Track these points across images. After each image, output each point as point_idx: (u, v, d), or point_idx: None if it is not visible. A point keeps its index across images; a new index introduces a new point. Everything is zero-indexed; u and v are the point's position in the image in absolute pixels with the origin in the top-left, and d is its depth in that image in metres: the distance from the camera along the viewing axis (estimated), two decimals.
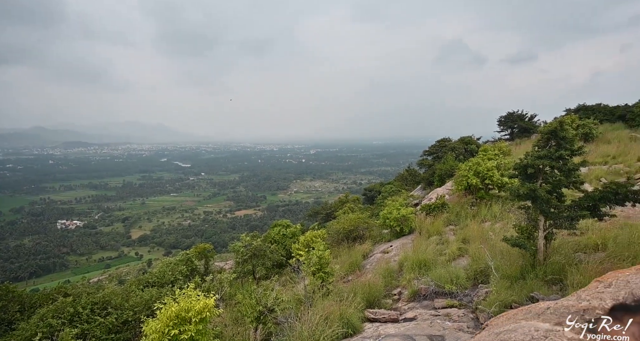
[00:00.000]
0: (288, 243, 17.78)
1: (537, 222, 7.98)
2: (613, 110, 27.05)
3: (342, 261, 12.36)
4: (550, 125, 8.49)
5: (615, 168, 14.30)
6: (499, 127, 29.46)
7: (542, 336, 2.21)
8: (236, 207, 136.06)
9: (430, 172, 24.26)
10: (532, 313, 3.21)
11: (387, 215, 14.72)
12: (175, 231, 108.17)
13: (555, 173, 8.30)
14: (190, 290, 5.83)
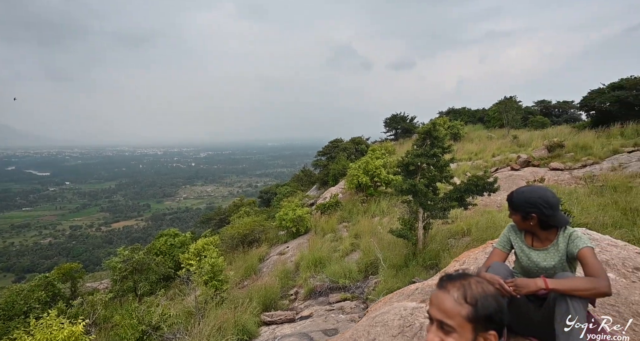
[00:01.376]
0: (176, 253, 16.28)
1: (417, 214, 8.90)
2: (474, 113, 32.58)
3: (237, 267, 11.83)
4: (426, 126, 9.57)
5: (477, 163, 17.09)
6: (385, 128, 32.55)
7: (409, 314, 2.35)
8: (113, 219, 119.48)
9: (324, 172, 25.23)
10: (404, 294, 3.50)
11: (283, 216, 14.69)
12: (30, 252, 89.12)
13: (431, 169, 9.38)
14: (51, 319, 4.73)
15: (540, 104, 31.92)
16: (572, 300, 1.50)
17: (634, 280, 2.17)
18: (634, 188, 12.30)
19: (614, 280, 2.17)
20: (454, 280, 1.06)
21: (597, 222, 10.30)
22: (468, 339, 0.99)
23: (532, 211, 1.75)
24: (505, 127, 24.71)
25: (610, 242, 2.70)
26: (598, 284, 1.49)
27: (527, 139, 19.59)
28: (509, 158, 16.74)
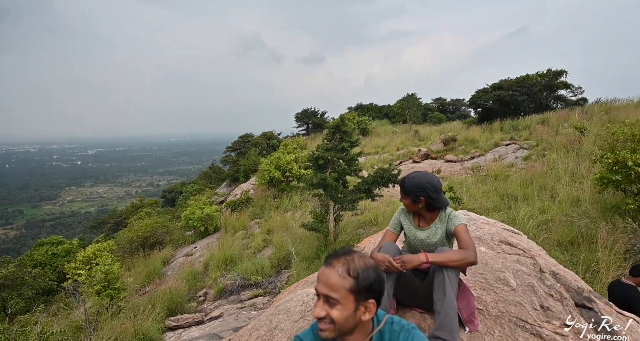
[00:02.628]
0: (60, 263, 14.32)
1: (328, 207, 9.29)
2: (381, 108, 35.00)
3: (137, 273, 10.91)
4: (335, 121, 9.99)
5: (384, 156, 18.45)
6: (297, 122, 33.03)
7: (311, 299, 2.49)
8: None
9: (234, 168, 24.62)
10: (309, 282, 3.70)
11: (189, 215, 13.96)
12: None
13: (340, 163, 9.85)
14: None
15: (437, 101, 35.91)
16: (448, 270, 1.77)
17: (498, 251, 2.63)
18: (509, 177, 14.69)
19: (484, 253, 2.60)
20: (338, 256, 1.17)
21: (481, 207, 12.06)
22: (350, 309, 1.11)
23: (421, 194, 1.99)
24: (408, 122, 27.15)
25: (484, 220, 3.20)
26: (467, 255, 1.78)
27: (427, 134, 21.87)
28: (411, 151, 18.50)
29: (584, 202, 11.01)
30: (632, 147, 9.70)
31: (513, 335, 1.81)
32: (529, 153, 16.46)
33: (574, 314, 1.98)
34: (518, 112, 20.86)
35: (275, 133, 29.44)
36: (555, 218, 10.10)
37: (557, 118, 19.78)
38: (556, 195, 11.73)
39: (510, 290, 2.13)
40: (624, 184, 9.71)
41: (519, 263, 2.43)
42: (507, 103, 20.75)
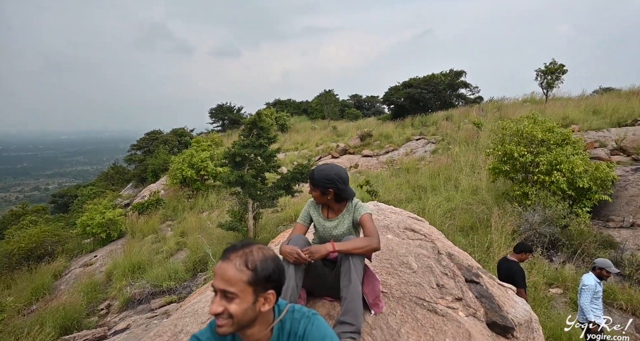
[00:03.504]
0: None
1: (246, 205, 9.16)
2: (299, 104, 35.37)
3: (20, 290, 9.51)
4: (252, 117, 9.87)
5: (303, 152, 18.73)
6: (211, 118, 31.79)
7: None
8: None
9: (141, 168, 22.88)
10: None
11: (87, 221, 12.57)
12: None
13: (258, 159, 9.76)
14: None
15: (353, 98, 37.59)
16: (353, 257, 1.89)
17: (403, 238, 2.88)
18: (420, 169, 16.07)
19: (390, 240, 2.83)
20: (236, 249, 1.18)
21: (395, 199, 13.01)
22: (249, 302, 1.12)
23: (329, 186, 2.08)
24: (326, 118, 27.96)
25: (392, 210, 3.47)
26: (371, 242, 1.93)
27: (345, 130, 22.79)
28: (330, 147, 19.12)
29: (481, 190, 12.57)
30: (517, 141, 11.32)
31: (412, 313, 2.01)
32: (436, 147, 18.19)
33: (464, 288, 2.27)
34: (426, 108, 22.85)
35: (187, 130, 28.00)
36: (459, 206, 11.36)
37: (459, 114, 22.16)
38: (459, 185, 13.19)
39: (412, 272, 2.36)
40: (512, 173, 11.32)
41: (420, 248, 2.69)
42: (417, 100, 22.59)
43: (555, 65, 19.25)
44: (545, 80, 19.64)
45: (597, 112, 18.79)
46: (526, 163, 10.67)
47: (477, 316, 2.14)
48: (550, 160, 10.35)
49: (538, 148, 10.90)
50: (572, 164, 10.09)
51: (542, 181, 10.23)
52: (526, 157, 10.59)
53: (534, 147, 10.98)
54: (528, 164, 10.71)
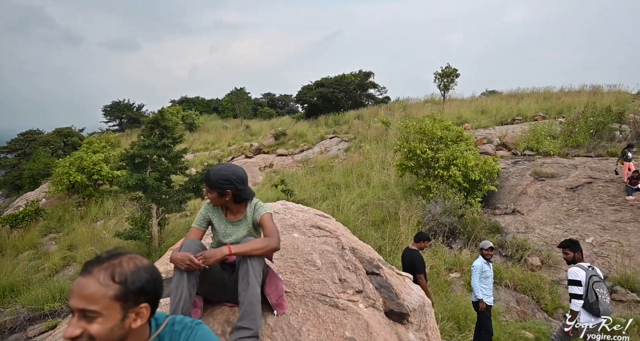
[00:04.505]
0: None
1: (150, 210, 8.49)
2: (209, 103, 33.94)
3: None
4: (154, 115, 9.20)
5: (214, 153, 18.02)
6: (106, 117, 28.89)
7: None
8: None
9: (15, 174, 19.90)
10: None
11: None
12: None
13: (162, 161, 9.12)
14: None
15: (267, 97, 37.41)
16: (252, 259, 1.86)
17: (309, 236, 2.93)
18: (334, 167, 16.63)
19: (297, 238, 2.86)
20: (101, 262, 1.05)
21: (311, 197, 13.29)
22: (116, 319, 1.00)
23: (227, 187, 2.01)
24: (238, 117, 27.34)
25: (299, 208, 3.52)
26: (270, 242, 1.91)
27: (258, 129, 22.55)
28: (243, 146, 18.75)
29: (391, 185, 13.49)
30: (419, 138, 12.40)
31: (315, 310, 2.05)
32: (348, 146, 19.00)
33: (364, 281, 2.40)
34: (339, 107, 23.75)
35: (75, 129, 25.04)
36: (371, 202, 12.03)
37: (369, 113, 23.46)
38: (371, 181, 13.97)
39: (316, 269, 2.41)
40: (416, 169, 12.37)
41: (325, 244, 2.76)
42: (329, 99, 23.36)
43: (450, 69, 21.47)
44: (442, 82, 21.79)
45: (485, 112, 21.47)
46: (428, 159, 11.76)
47: (376, 306, 2.27)
48: (448, 156, 11.55)
49: (438, 145, 12.08)
50: (465, 159, 11.39)
51: (442, 175, 11.36)
52: (428, 154, 11.67)
53: (434, 144, 12.15)
54: (429, 160, 11.81)
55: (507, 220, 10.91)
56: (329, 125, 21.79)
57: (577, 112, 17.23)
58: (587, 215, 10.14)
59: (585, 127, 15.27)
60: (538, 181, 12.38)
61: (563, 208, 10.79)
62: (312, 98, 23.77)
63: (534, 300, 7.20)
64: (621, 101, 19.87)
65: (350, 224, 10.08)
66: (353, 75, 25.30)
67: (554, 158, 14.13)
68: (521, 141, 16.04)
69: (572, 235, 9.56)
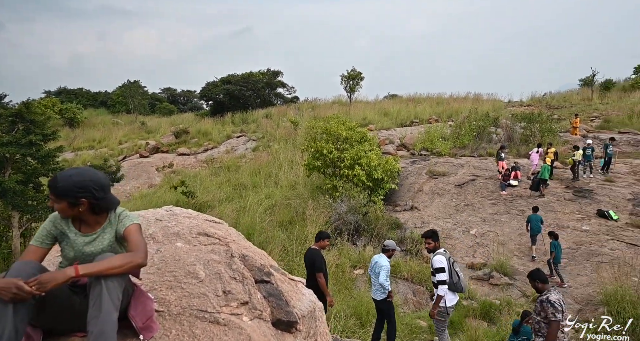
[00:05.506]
0: None
1: (10, 219, 7.20)
2: (95, 95, 30.39)
3: None
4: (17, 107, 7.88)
5: (102, 151, 16.14)
6: None
7: None
8: None
9: None
10: None
11: None
12: None
13: (29, 161, 7.84)
14: None
15: (166, 91, 34.95)
16: (107, 280, 1.58)
17: (195, 244, 2.70)
18: (241, 167, 16.17)
19: (179, 248, 2.60)
20: None
21: (215, 198, 12.70)
22: None
23: (82, 196, 1.68)
24: (132, 112, 25.03)
25: (186, 214, 3.23)
26: (134, 257, 1.65)
27: (156, 126, 20.90)
28: (138, 145, 17.19)
29: (299, 185, 13.58)
30: (326, 139, 12.72)
31: (191, 329, 1.85)
32: (256, 145, 18.68)
33: (252, 291, 2.26)
34: (247, 106, 23.25)
35: None
36: (279, 202, 11.94)
37: (277, 113, 23.41)
38: (279, 181, 13.89)
39: (198, 282, 2.20)
40: (323, 168, 12.65)
41: (212, 253, 2.56)
42: (237, 97, 22.73)
43: (355, 72, 22.54)
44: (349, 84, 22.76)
45: (387, 114, 23.00)
46: (334, 159, 12.11)
47: (263, 317, 2.16)
48: (353, 156, 12.05)
49: (343, 145, 12.53)
50: (369, 159, 12.01)
51: (347, 174, 11.80)
52: (334, 154, 12.02)
53: (340, 144, 12.57)
54: (336, 160, 12.18)
55: (406, 216, 11.76)
56: (236, 124, 21.19)
57: (463, 117, 19.45)
58: (472, 209, 11.43)
59: (470, 130, 17.29)
60: (432, 179, 13.62)
61: (452, 203, 12.01)
62: (218, 95, 22.86)
63: (428, 290, 7.81)
64: (497, 108, 22.98)
65: (257, 226, 9.87)
66: (261, 73, 25.02)
67: (445, 158, 15.71)
68: (418, 142, 17.51)
69: (460, 227, 10.69)
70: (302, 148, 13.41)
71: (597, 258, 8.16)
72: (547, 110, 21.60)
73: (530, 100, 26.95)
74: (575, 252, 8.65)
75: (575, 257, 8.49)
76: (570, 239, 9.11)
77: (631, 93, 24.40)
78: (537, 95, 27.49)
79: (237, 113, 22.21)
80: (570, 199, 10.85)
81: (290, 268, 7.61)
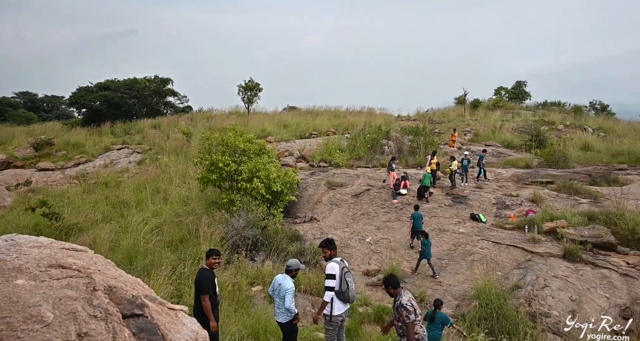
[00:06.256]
0: None
1: None
2: None
3: None
4: None
5: None
6: None
7: None
8: None
9: None
10: None
11: None
12: None
13: None
14: None
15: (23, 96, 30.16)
16: None
17: (44, 279, 2.25)
18: (122, 182, 14.63)
19: (20, 287, 2.14)
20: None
21: (88, 219, 11.19)
22: None
23: None
24: None
25: (35, 243, 2.71)
26: None
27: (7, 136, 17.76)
28: None
29: (192, 200, 12.77)
30: (222, 151, 12.26)
31: None
32: (142, 158, 17.14)
33: (117, 329, 1.96)
34: (130, 115, 21.31)
35: None
36: (168, 220, 11.04)
37: (167, 123, 21.94)
38: (169, 197, 12.89)
39: (44, 326, 1.82)
40: (219, 182, 12.14)
41: (67, 288, 2.16)
42: (118, 105, 20.69)
43: (253, 83, 22.43)
44: (246, 95, 22.53)
45: (287, 126, 23.29)
46: (231, 171, 11.72)
47: None
48: (251, 168, 11.81)
49: (241, 158, 12.22)
50: (268, 171, 11.90)
51: (245, 188, 11.52)
52: (231, 166, 11.63)
53: (238, 156, 12.24)
54: (233, 172, 11.80)
55: (305, 228, 11.90)
56: (117, 135, 19.24)
57: (358, 129, 20.71)
58: (367, 218, 12.10)
59: (364, 142, 18.46)
60: (331, 190, 14.09)
61: (350, 213, 12.56)
62: (93, 102, 20.48)
63: None
64: (388, 121, 25.02)
65: (141, 248, 8.96)
66: (148, 80, 23.26)
67: (343, 169, 16.45)
68: (317, 154, 18.04)
69: (356, 236, 11.19)
70: (195, 161, 12.73)
71: (471, 257, 9.27)
72: (430, 124, 24.32)
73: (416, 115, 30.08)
74: (454, 253, 9.72)
75: (454, 257, 9.53)
76: (450, 241, 10.21)
77: (493, 112, 28.97)
78: (422, 111, 30.82)
79: (118, 123, 20.19)
80: (449, 205, 12.22)
81: (181, 293, 7.05)
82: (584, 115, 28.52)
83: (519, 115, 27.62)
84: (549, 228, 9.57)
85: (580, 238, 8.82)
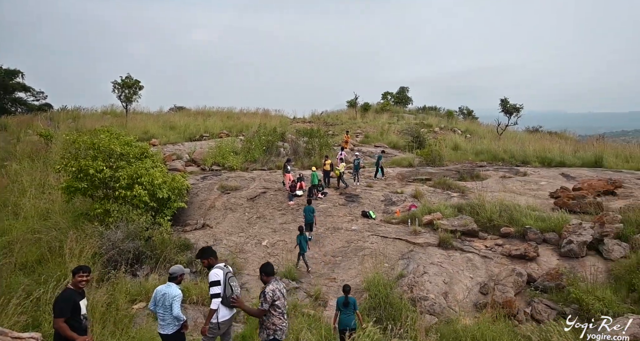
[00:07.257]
0: None
1: None
2: None
3: None
4: None
5: None
6: None
7: None
8: None
9: None
10: None
11: None
12: None
13: None
14: None
15: None
16: None
17: None
18: None
19: None
20: None
21: None
22: None
23: None
24: None
25: None
26: None
27: None
28: None
29: (54, 213, 11.08)
30: (93, 155, 10.89)
31: None
32: None
33: None
34: None
35: None
36: (20, 238, 9.39)
37: (18, 123, 18.93)
38: (21, 211, 10.99)
39: None
40: (91, 190, 10.75)
41: None
42: None
43: (132, 80, 20.61)
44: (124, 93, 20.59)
45: (174, 128, 21.94)
46: (106, 179, 10.45)
47: None
48: (131, 174, 10.70)
49: (118, 163, 11.00)
50: (152, 177, 10.91)
51: (125, 196, 10.39)
52: (105, 172, 10.36)
53: (113, 161, 10.99)
54: (108, 180, 10.54)
55: (197, 235, 11.28)
56: None
57: (253, 131, 20.50)
58: (263, 221, 11.98)
59: (260, 144, 18.32)
60: (224, 194, 13.62)
61: (245, 217, 12.29)
62: None
63: None
64: (284, 123, 25.32)
65: None
66: None
67: (237, 172, 16.07)
68: (209, 157, 17.31)
69: (252, 240, 10.98)
70: (56, 168, 11.13)
71: (362, 252, 9.84)
72: (325, 126, 25.28)
73: (311, 117, 31.01)
74: (347, 249, 10.20)
75: (347, 254, 10.00)
76: (343, 239, 10.70)
77: (381, 115, 31.42)
78: (317, 113, 31.92)
79: None
80: (343, 204, 12.80)
81: (39, 321, 6.07)
82: (454, 118, 32.71)
83: (403, 118, 30.51)
84: (427, 220, 10.77)
85: (452, 227, 10.17)
